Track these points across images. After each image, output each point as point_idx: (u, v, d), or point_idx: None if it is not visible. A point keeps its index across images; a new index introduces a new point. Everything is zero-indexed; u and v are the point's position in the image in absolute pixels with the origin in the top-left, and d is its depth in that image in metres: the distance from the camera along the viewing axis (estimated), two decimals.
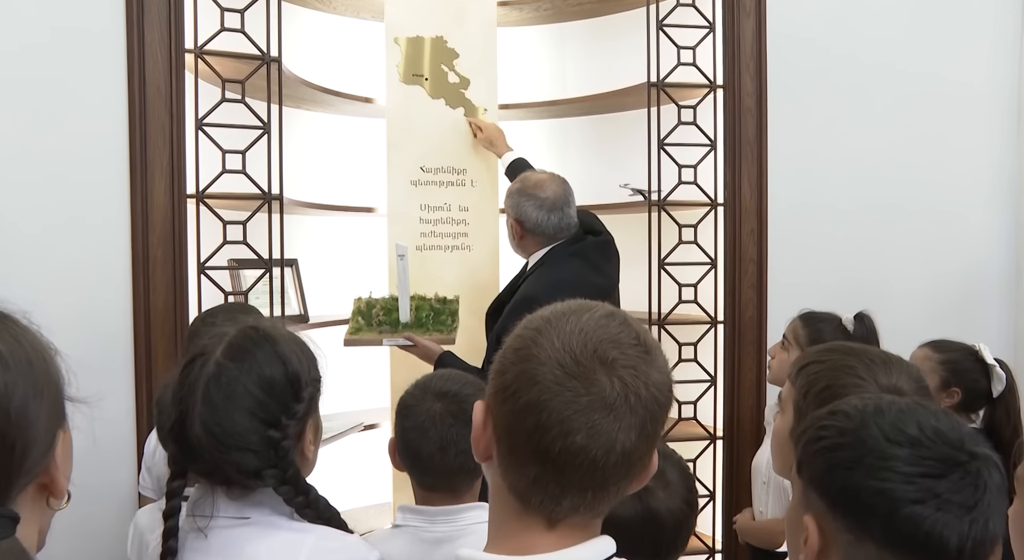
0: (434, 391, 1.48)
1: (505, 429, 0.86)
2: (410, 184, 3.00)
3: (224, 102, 2.47)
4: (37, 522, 0.86)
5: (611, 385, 0.82)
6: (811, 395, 1.27)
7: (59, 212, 2.34)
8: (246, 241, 2.49)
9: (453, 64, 3.06)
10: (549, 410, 0.82)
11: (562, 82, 3.43)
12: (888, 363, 1.28)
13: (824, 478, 0.93)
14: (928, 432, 0.90)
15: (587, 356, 0.83)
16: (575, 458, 0.82)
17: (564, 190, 2.50)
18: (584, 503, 0.85)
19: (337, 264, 3.25)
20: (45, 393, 0.82)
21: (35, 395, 0.80)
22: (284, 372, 1.20)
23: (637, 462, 0.85)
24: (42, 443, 0.81)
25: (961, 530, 0.86)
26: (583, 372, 0.82)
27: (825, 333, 2.24)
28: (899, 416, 0.92)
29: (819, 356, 1.34)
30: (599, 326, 0.86)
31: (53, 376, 0.84)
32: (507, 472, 0.87)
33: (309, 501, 1.20)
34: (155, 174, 2.41)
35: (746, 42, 2.83)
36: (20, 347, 0.81)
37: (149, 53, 2.39)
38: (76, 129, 2.36)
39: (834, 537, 0.91)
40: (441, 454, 1.43)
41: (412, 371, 2.56)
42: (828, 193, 2.88)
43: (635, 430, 0.83)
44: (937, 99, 2.90)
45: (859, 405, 0.97)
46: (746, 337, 2.84)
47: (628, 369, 0.83)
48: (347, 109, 3.19)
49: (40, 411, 0.80)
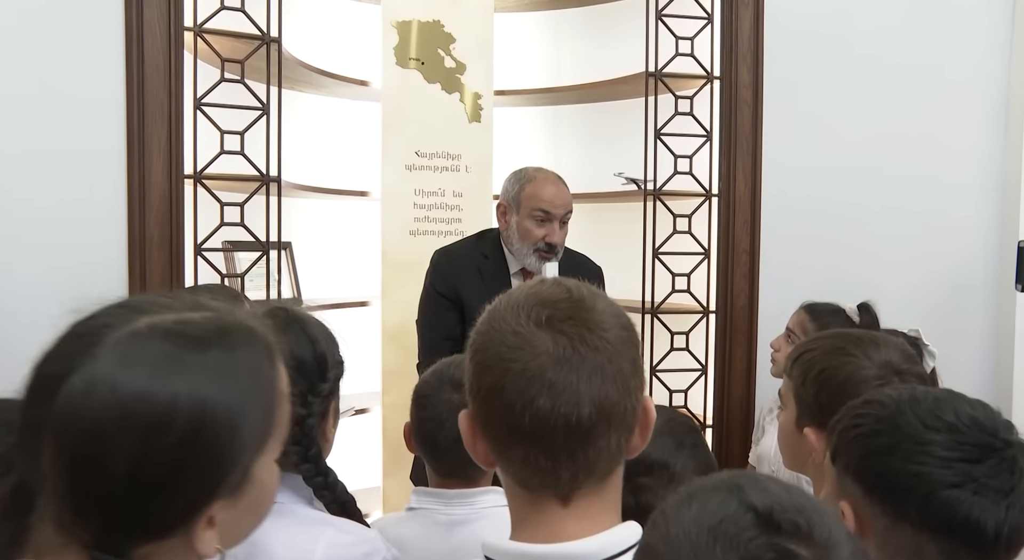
0: (452, 381, 1.47)
1: (484, 424, 0.86)
2: (405, 168, 2.99)
3: (223, 82, 2.44)
4: None
5: (554, 342, 0.81)
6: (809, 381, 1.30)
7: (55, 189, 2.31)
8: (243, 223, 2.46)
9: (450, 48, 3.05)
10: (506, 386, 0.82)
11: (557, 69, 3.42)
12: (876, 341, 1.33)
13: (861, 464, 0.95)
14: (964, 419, 0.93)
15: (523, 323, 0.83)
16: (547, 422, 0.81)
17: None
18: (580, 468, 0.83)
19: (330, 247, 3.24)
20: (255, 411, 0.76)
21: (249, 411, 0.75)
22: (312, 352, 1.20)
23: (615, 409, 0.83)
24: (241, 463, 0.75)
25: (998, 515, 0.89)
26: (523, 339, 0.82)
27: (833, 325, 2.24)
28: (935, 404, 0.95)
29: (809, 345, 1.37)
30: (530, 294, 0.86)
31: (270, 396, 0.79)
32: (503, 465, 0.87)
33: (327, 482, 1.20)
34: (153, 153, 2.37)
35: (744, 34, 2.85)
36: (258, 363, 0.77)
37: (148, 30, 2.35)
38: (73, 110, 2.33)
39: (870, 522, 0.93)
40: (458, 444, 1.42)
41: (406, 355, 2.57)
42: (821, 186, 2.91)
43: (596, 376, 0.81)
44: (931, 95, 2.94)
45: (894, 394, 0.99)
46: (737, 327, 2.87)
47: (566, 321, 0.83)
48: (342, 92, 3.17)
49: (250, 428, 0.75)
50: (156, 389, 0.69)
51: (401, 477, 2.69)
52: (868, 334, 1.38)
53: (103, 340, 0.71)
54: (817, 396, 1.28)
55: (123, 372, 0.69)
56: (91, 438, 0.68)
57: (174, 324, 0.74)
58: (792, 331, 2.39)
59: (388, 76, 2.97)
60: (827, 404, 1.25)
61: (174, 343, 0.72)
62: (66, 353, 0.73)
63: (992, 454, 0.91)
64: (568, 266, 2.38)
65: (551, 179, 2.35)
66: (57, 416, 0.69)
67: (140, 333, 0.72)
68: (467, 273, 2.31)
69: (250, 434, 0.75)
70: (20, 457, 0.75)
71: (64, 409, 0.69)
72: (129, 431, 0.68)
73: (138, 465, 0.69)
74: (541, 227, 2.30)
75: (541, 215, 2.30)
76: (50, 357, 0.74)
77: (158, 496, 0.70)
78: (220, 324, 0.76)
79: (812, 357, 1.33)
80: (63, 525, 0.71)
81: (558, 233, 2.31)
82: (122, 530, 0.70)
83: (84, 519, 0.70)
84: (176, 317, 0.75)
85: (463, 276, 2.33)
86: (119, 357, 0.70)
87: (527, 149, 3.42)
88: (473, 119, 3.07)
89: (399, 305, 2.94)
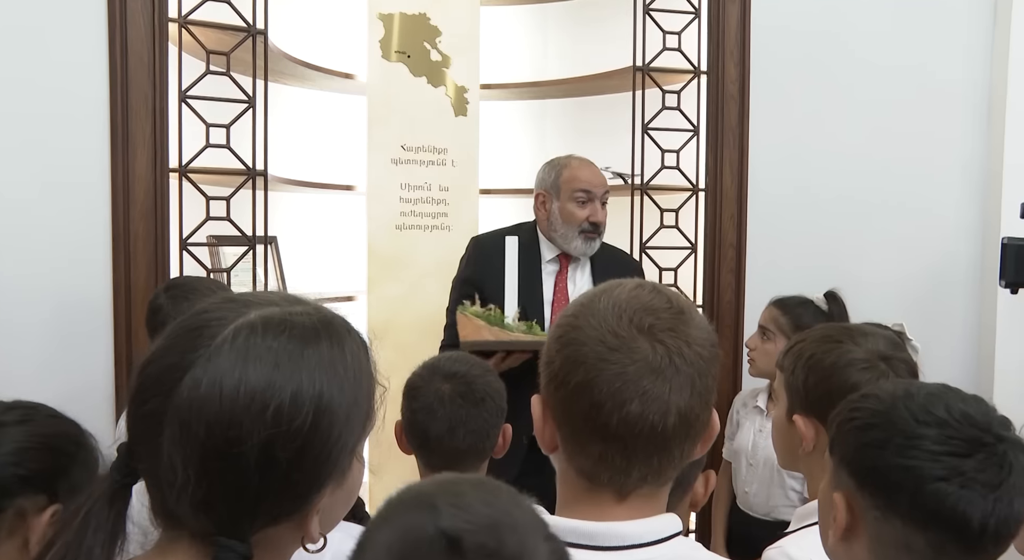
0: (443, 372, 1.48)
1: (563, 415, 0.88)
2: (391, 162, 2.97)
3: (208, 74, 2.42)
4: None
5: (653, 350, 0.85)
6: (799, 368, 1.35)
7: (37, 183, 2.28)
8: (230, 217, 2.44)
9: (435, 42, 3.03)
10: (599, 386, 0.84)
11: (543, 63, 3.42)
12: (864, 331, 1.38)
13: (855, 457, 0.96)
14: (956, 414, 0.93)
15: (624, 327, 0.86)
16: (634, 427, 0.84)
17: None
18: (651, 471, 0.87)
19: (314, 242, 3.22)
20: (356, 408, 0.79)
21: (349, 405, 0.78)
22: None
23: (695, 422, 0.87)
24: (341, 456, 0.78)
25: (985, 508, 0.90)
26: (624, 343, 0.85)
27: (805, 317, 2.28)
28: (928, 399, 0.96)
29: (799, 337, 1.43)
30: (631, 297, 0.89)
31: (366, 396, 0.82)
32: (573, 456, 0.89)
33: None
34: (137, 147, 2.35)
35: (730, 29, 2.85)
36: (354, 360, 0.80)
37: (132, 21, 2.32)
38: (55, 102, 2.29)
39: (862, 514, 0.95)
40: (450, 435, 1.43)
41: (393, 350, 2.56)
42: (807, 181, 2.92)
43: (686, 389, 0.86)
44: (916, 93, 2.95)
45: (890, 389, 1.01)
46: (724, 321, 2.89)
47: (667, 332, 0.86)
48: (327, 85, 3.15)
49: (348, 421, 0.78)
50: (281, 381, 0.74)
51: (388, 476, 2.69)
52: (857, 326, 1.45)
53: (219, 333, 0.75)
54: (806, 382, 1.33)
55: (249, 364, 0.74)
56: (224, 427, 0.72)
57: (286, 316, 0.78)
58: (766, 328, 2.40)
59: (373, 69, 2.95)
60: (814, 387, 1.32)
61: (290, 337, 0.76)
62: (181, 347, 0.76)
63: (982, 448, 0.91)
64: (607, 260, 2.48)
65: (585, 162, 2.48)
66: (186, 408, 0.73)
67: (256, 326, 0.76)
68: (495, 259, 2.34)
69: (357, 421, 0.79)
70: (135, 449, 0.77)
71: (193, 401, 0.73)
72: (260, 419, 0.72)
73: (268, 451, 0.72)
74: (584, 208, 2.39)
75: (583, 196, 2.39)
76: (163, 352, 0.77)
77: (285, 480, 0.74)
78: (323, 317, 0.81)
79: (802, 346, 1.38)
80: (178, 516, 0.75)
81: (600, 212, 2.41)
82: (248, 515, 0.74)
83: (210, 507, 0.73)
84: (282, 310, 0.79)
85: (491, 262, 2.37)
86: (240, 349, 0.74)
87: (513, 143, 3.42)
88: (459, 113, 3.06)
89: (385, 300, 2.93)
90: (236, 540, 0.73)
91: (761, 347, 2.39)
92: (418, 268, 2.97)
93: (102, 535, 0.76)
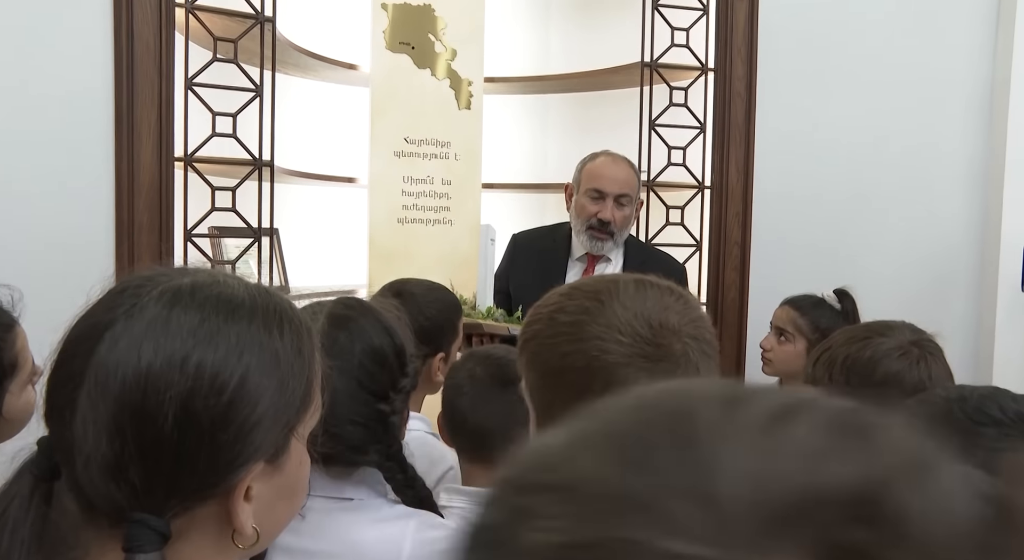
0: (480, 355, 1.52)
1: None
2: (393, 155, 2.93)
3: (215, 62, 2.37)
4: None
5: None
6: (836, 373, 1.36)
7: (41, 172, 2.21)
8: (235, 208, 2.40)
9: (440, 33, 2.99)
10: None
11: (546, 58, 3.40)
12: (885, 325, 1.42)
13: None
14: (1010, 414, 0.96)
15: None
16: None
17: None
18: None
19: (316, 234, 3.17)
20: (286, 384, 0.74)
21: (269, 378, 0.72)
22: (391, 344, 1.17)
23: None
24: (264, 431, 0.71)
25: None
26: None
27: (823, 318, 2.28)
28: (981, 401, 0.98)
29: (822, 346, 1.44)
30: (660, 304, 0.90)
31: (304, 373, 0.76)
32: None
33: (407, 479, 1.17)
34: (142, 135, 2.29)
35: (738, 27, 2.85)
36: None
37: (138, 6, 2.26)
38: (59, 90, 2.22)
39: None
40: (472, 411, 1.43)
41: None
42: (812, 179, 2.93)
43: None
44: (921, 91, 2.98)
45: (943, 393, 1.02)
46: (728, 319, 2.89)
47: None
48: (329, 75, 3.10)
49: (270, 394, 0.72)
50: (206, 338, 0.69)
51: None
52: (877, 322, 1.47)
53: (146, 294, 0.71)
54: (848, 384, 1.33)
55: (172, 322, 0.69)
56: (141, 379, 0.67)
57: (219, 280, 0.75)
58: (783, 329, 2.37)
59: (377, 60, 2.90)
60: (858, 386, 1.32)
61: (219, 299, 0.72)
62: (105, 305, 0.71)
63: None
64: (641, 262, 2.41)
65: (611, 159, 2.42)
66: (102, 364, 0.67)
67: (184, 288, 0.72)
68: (520, 258, 2.38)
69: (292, 399, 0.73)
70: (50, 421, 0.71)
71: (110, 357, 0.68)
72: (181, 373, 0.67)
73: (187, 406, 0.67)
74: (594, 204, 2.36)
75: (594, 193, 2.37)
76: (87, 314, 0.72)
77: (204, 442, 0.67)
78: (260, 288, 0.77)
79: (832, 353, 1.38)
80: (91, 497, 0.68)
81: (610, 211, 2.35)
82: (165, 484, 0.67)
83: (122, 472, 0.66)
84: (215, 278, 0.75)
85: (518, 258, 2.41)
86: (166, 307, 0.70)
87: (516, 137, 3.39)
88: (463, 106, 3.03)
89: None
90: (151, 514, 0.66)
91: (779, 348, 2.37)
92: (419, 262, 2.93)
93: (21, 536, 0.70)
